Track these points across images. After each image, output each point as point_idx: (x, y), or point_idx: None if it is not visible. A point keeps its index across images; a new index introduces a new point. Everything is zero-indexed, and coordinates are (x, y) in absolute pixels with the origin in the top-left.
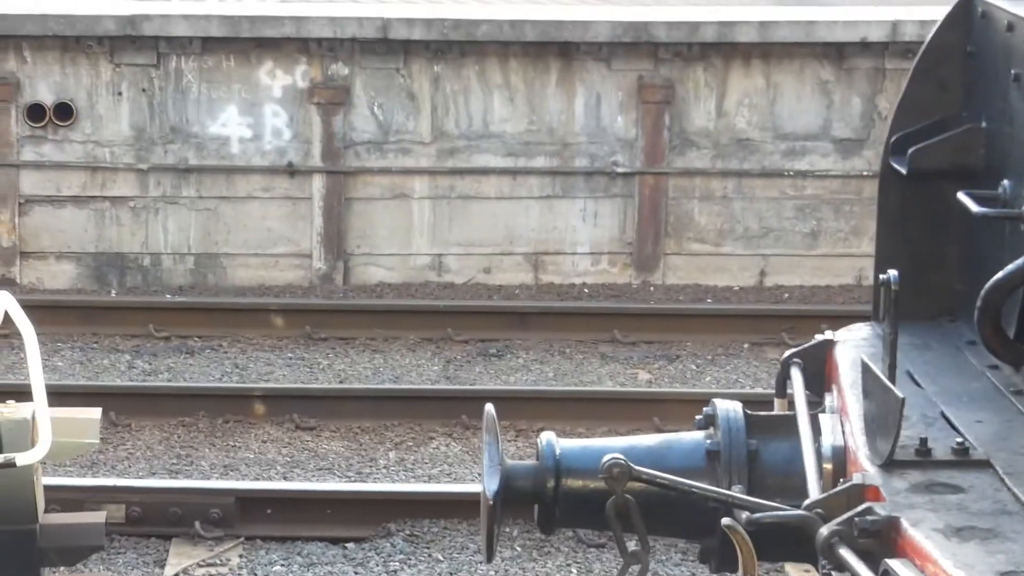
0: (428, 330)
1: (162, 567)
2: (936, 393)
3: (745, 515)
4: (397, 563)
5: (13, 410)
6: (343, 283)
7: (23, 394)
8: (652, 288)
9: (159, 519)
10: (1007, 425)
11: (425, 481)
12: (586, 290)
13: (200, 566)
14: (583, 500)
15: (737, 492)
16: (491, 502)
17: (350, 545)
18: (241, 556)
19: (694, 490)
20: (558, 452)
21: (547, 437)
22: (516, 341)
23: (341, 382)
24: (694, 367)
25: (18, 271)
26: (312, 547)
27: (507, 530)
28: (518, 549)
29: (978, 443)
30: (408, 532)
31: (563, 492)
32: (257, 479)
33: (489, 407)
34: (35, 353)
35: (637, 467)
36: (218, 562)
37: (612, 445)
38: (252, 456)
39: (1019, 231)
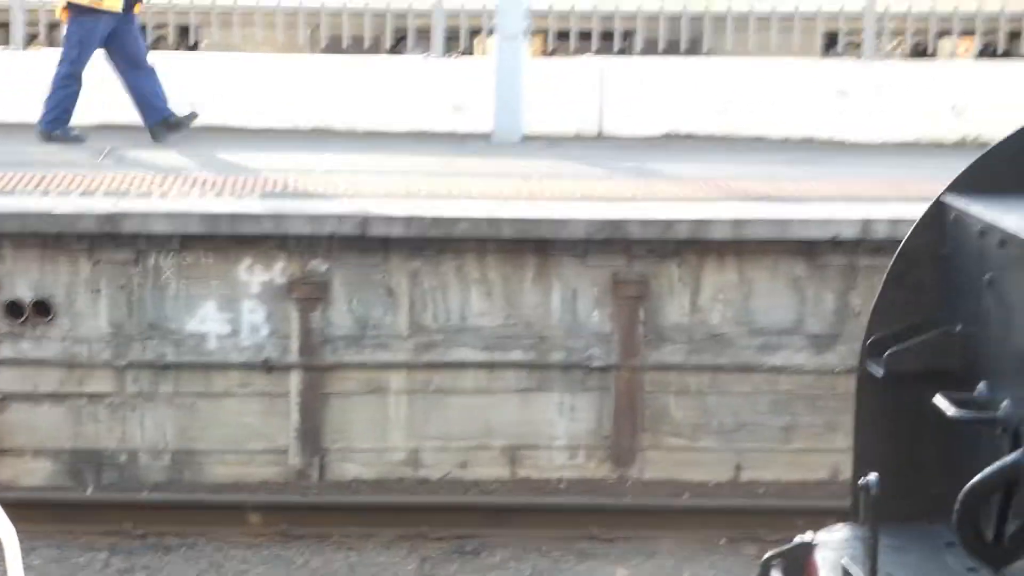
0: (403, 527)
1: None
2: None
3: None
4: None
5: None
6: (319, 479)
7: None
8: (629, 483)
9: None
10: None
11: None
12: (562, 485)
13: None
14: None
15: None
16: None
17: None
18: None
19: None
20: None
21: None
22: (493, 538)
23: None
24: (672, 563)
25: None
26: None
27: None
28: None
29: None
30: None
31: None
32: None
33: None
34: (16, 555)
35: None
36: None
37: None
38: None
39: (995, 434)
